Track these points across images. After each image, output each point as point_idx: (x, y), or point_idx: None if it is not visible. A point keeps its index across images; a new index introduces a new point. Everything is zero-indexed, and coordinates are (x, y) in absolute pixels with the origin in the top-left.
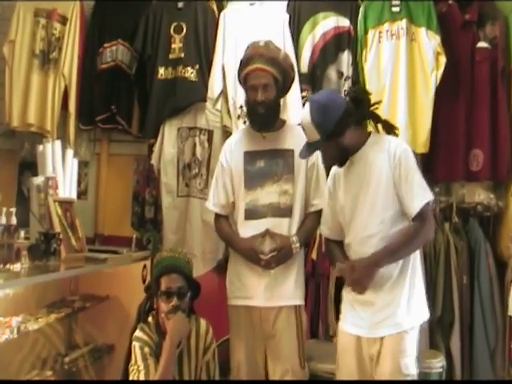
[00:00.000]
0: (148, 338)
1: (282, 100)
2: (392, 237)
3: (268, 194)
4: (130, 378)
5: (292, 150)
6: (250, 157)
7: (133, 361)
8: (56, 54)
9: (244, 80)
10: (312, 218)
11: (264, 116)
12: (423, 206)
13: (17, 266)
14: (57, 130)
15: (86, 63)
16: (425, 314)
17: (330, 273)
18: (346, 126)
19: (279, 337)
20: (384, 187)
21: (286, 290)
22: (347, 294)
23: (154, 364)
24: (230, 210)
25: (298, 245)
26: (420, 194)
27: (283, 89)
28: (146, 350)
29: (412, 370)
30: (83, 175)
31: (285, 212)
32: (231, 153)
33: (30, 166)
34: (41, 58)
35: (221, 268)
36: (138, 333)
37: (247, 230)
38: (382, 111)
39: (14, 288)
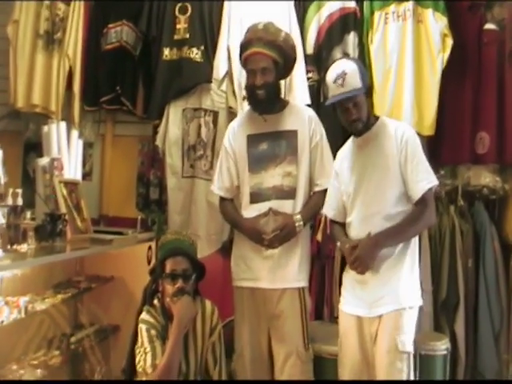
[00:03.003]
0: (154, 320)
1: (288, 80)
2: (395, 219)
3: (272, 177)
4: (137, 360)
5: (295, 131)
6: (252, 140)
7: (139, 343)
8: (60, 34)
9: (244, 64)
10: (316, 197)
11: (263, 100)
12: (426, 190)
13: (23, 247)
14: (61, 110)
15: (91, 44)
16: (420, 298)
17: (334, 254)
18: (371, 90)
19: (283, 318)
20: (390, 169)
21: (289, 272)
22: (347, 275)
23: (160, 346)
24: (234, 193)
25: (301, 223)
26: (424, 178)
27: (284, 71)
28: (153, 332)
29: (408, 348)
30: (88, 156)
31: (289, 194)
32: (234, 136)
33: (35, 147)
34: (45, 38)
35: (226, 249)
36: (144, 315)
37: (252, 212)
38: (388, 93)
39: (21, 268)
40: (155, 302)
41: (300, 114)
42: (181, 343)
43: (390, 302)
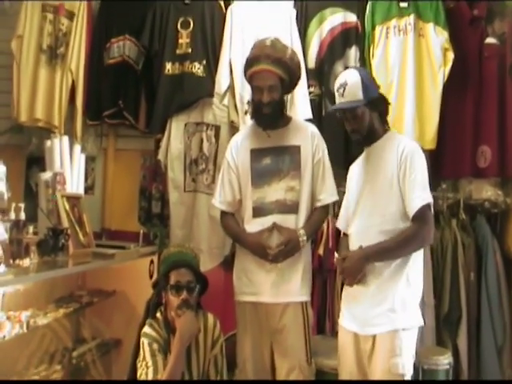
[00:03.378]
0: (156, 334)
1: (289, 94)
2: (391, 235)
3: (275, 191)
4: (138, 374)
5: (299, 146)
6: (256, 154)
7: (141, 357)
8: (63, 49)
9: (249, 79)
10: (319, 212)
11: (269, 116)
12: (422, 206)
13: (26, 262)
14: (64, 125)
15: (93, 58)
16: (420, 319)
17: (336, 268)
18: (379, 105)
19: (286, 333)
20: (389, 184)
21: (292, 287)
22: (344, 289)
23: (162, 360)
24: (236, 207)
25: (305, 238)
26: (418, 196)
27: (289, 87)
28: (155, 346)
29: (403, 371)
30: (90, 170)
31: (291, 208)
32: (237, 150)
33: (38, 161)
34: (48, 53)
35: (228, 263)
36: (146, 329)
37: (254, 226)
38: (390, 107)
39: (23, 284)
40: (158, 315)
41: (303, 130)
42: (183, 357)
43: (383, 323)
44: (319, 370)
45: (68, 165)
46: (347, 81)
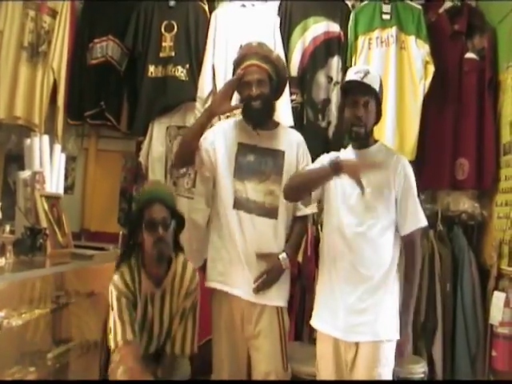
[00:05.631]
0: (125, 286)
1: None
2: (379, 246)
3: (254, 191)
4: (108, 329)
5: (283, 152)
6: (242, 148)
7: (110, 306)
8: (45, 47)
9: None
10: (299, 224)
11: (259, 111)
12: (416, 229)
13: (1, 261)
14: (45, 123)
15: (76, 58)
16: (398, 331)
17: (315, 275)
18: (379, 113)
19: (262, 338)
20: (382, 196)
21: (269, 290)
22: (322, 283)
23: (128, 317)
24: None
25: (287, 261)
26: (415, 217)
27: (277, 89)
28: (123, 300)
29: (386, 378)
30: (70, 170)
31: (270, 212)
32: (224, 138)
33: (17, 159)
34: (29, 50)
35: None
36: (116, 279)
37: (234, 218)
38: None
39: None
40: (132, 261)
41: (290, 137)
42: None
43: (367, 332)
44: (295, 376)
45: (48, 164)
46: (370, 70)
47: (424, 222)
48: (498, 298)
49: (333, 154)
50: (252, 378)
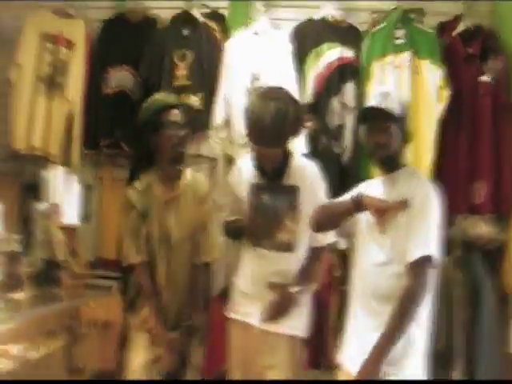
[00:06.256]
0: (138, 197)
1: None
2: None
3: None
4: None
5: (298, 187)
6: (256, 189)
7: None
8: (61, 78)
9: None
10: (316, 255)
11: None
12: (421, 257)
13: (20, 295)
14: (61, 153)
15: (91, 87)
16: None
17: (330, 303)
18: (407, 132)
19: (275, 369)
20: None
21: (285, 319)
22: (350, 329)
23: (137, 230)
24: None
25: (299, 292)
26: (421, 246)
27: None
28: (133, 215)
29: None
30: (86, 199)
31: (288, 247)
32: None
33: (34, 188)
34: (46, 82)
35: (224, 295)
36: (130, 192)
37: (252, 256)
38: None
39: (17, 321)
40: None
41: (304, 171)
42: None
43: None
44: None
45: (63, 196)
46: (390, 93)
47: (433, 252)
48: None
49: (363, 185)
50: None
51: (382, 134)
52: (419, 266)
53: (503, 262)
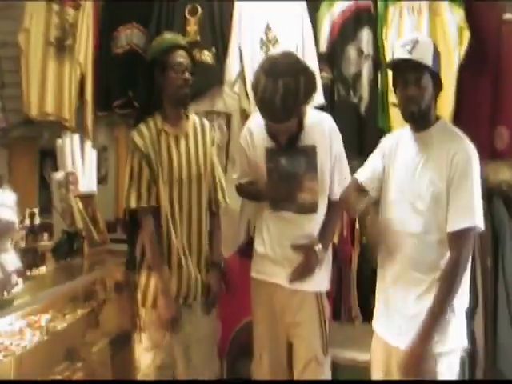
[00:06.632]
0: (143, 142)
1: None
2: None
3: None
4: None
5: (314, 147)
6: (271, 154)
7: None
8: (71, 40)
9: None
10: (335, 209)
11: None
12: (464, 229)
13: (42, 270)
14: (75, 117)
15: (101, 48)
16: (463, 341)
17: (351, 257)
18: (438, 85)
19: (302, 327)
20: (436, 189)
21: (313, 276)
22: (380, 290)
23: (145, 176)
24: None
25: (323, 252)
26: (465, 216)
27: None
28: (140, 159)
29: None
30: (103, 160)
31: (310, 208)
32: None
33: (51, 154)
34: (56, 45)
35: (242, 251)
36: (135, 136)
37: (275, 220)
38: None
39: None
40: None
41: (319, 127)
42: None
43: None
44: (334, 362)
45: (80, 163)
46: (419, 39)
47: (478, 222)
48: None
49: (390, 139)
50: (293, 365)
51: (413, 86)
52: (464, 237)
53: None
